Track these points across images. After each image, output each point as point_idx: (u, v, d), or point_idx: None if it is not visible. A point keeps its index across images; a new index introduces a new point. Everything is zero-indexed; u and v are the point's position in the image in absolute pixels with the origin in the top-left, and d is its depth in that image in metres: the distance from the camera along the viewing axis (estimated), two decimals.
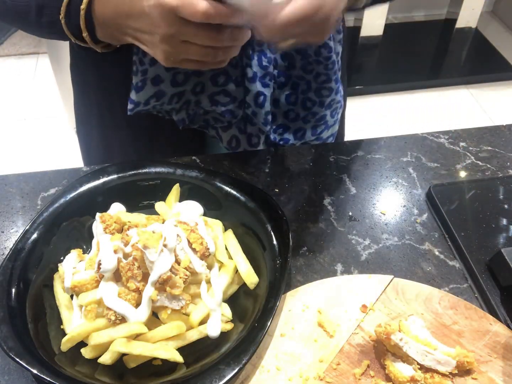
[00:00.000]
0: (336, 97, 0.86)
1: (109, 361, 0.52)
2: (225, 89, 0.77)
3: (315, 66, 0.79)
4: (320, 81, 0.81)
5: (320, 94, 0.83)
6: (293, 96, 0.83)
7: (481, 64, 2.85)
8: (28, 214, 0.71)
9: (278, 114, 0.85)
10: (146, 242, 0.53)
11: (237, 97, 0.78)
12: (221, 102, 0.78)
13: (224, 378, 0.49)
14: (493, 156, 0.83)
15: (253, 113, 0.79)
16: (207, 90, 0.77)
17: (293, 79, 0.81)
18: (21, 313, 0.54)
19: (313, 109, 0.84)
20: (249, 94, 0.77)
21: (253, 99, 0.77)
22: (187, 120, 0.80)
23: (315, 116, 0.85)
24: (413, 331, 0.55)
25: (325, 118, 0.87)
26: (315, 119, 0.86)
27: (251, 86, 0.76)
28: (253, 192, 0.66)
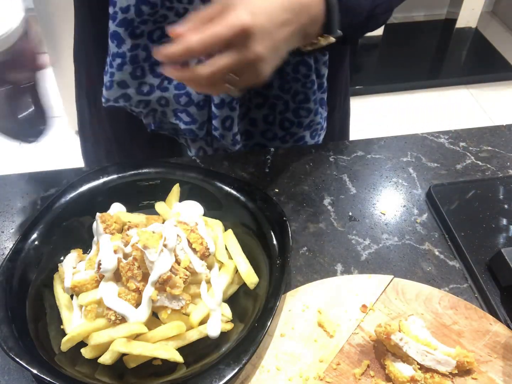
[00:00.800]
0: (316, 118, 0.83)
1: (109, 361, 0.52)
2: (187, 110, 0.77)
3: (292, 84, 0.78)
4: (298, 101, 0.79)
5: (298, 114, 0.81)
6: (270, 116, 0.81)
7: (481, 64, 2.85)
8: (28, 214, 0.71)
9: (255, 133, 0.84)
10: (146, 242, 0.53)
11: (199, 120, 0.78)
12: (184, 120, 0.78)
13: (224, 378, 0.49)
14: (493, 156, 0.83)
15: (220, 135, 0.78)
16: (171, 105, 0.77)
17: (270, 100, 0.79)
18: (21, 313, 0.54)
19: (291, 129, 0.83)
20: (216, 119, 0.76)
21: (221, 123, 0.76)
22: (154, 125, 0.81)
23: (294, 137, 0.84)
24: (413, 331, 0.55)
25: (304, 139, 0.86)
26: (293, 140, 0.85)
27: (218, 111, 0.75)
28: (253, 192, 0.66)
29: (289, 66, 0.76)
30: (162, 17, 0.68)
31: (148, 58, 0.73)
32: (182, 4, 0.67)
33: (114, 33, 0.68)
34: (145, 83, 0.74)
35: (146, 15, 0.67)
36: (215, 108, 0.75)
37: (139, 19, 0.67)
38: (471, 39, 3.00)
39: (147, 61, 0.73)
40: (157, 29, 0.70)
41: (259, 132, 0.84)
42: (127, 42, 0.69)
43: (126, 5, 0.66)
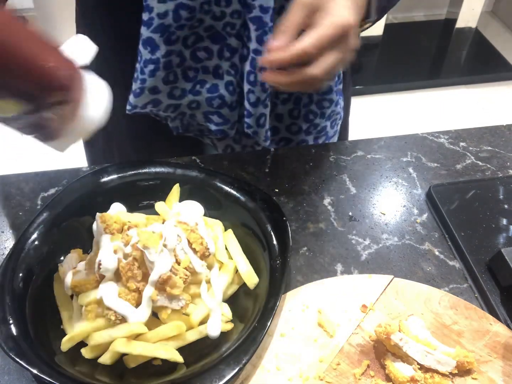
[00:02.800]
0: (336, 109, 0.87)
1: (109, 361, 0.52)
2: (220, 112, 0.78)
3: None
4: (321, 93, 0.82)
5: (321, 105, 0.83)
6: (295, 111, 0.84)
7: (481, 64, 2.85)
8: (28, 214, 0.71)
9: (281, 128, 0.86)
10: (146, 242, 0.53)
11: (230, 120, 0.80)
12: (215, 122, 0.79)
13: (224, 378, 0.49)
14: (493, 156, 0.83)
15: (254, 132, 0.80)
16: (202, 108, 0.78)
17: (295, 94, 0.82)
18: (21, 313, 0.54)
19: (315, 121, 0.86)
20: (250, 117, 0.78)
21: (255, 121, 0.78)
22: (181, 128, 0.82)
23: (317, 128, 0.87)
24: (413, 331, 0.55)
25: (325, 129, 0.88)
26: (316, 131, 0.87)
27: (253, 110, 0.77)
28: (253, 192, 0.66)
29: None
30: (198, 21, 0.69)
31: (181, 63, 0.73)
32: (220, 8, 0.68)
33: (148, 40, 0.68)
34: (177, 87, 0.74)
35: (183, 20, 0.67)
36: (251, 107, 0.76)
37: (176, 24, 0.67)
38: (471, 39, 3.00)
39: (180, 66, 0.73)
40: (192, 34, 0.70)
41: (284, 126, 0.85)
42: (161, 48, 0.68)
43: (164, 10, 0.66)
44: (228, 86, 0.76)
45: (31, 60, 0.39)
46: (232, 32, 0.71)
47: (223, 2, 0.67)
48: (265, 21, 0.68)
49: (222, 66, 0.74)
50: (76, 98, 0.45)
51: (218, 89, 0.76)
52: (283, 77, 0.59)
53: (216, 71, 0.75)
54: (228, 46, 0.72)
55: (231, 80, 0.76)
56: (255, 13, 0.67)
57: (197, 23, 0.69)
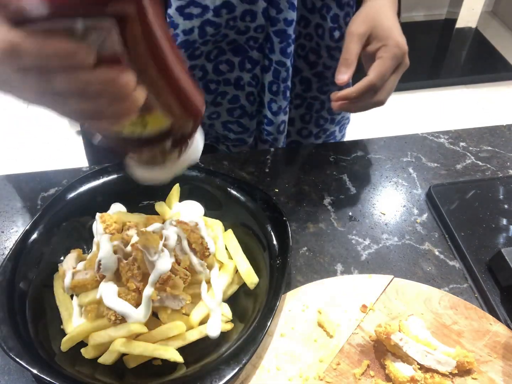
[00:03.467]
0: (346, 114, 0.90)
1: (109, 361, 0.52)
2: (239, 121, 0.80)
3: (331, 87, 0.82)
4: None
5: (332, 112, 0.86)
6: (307, 116, 0.86)
7: (481, 64, 2.85)
8: (28, 214, 0.71)
9: (292, 132, 0.88)
10: (146, 242, 0.53)
11: (250, 128, 0.82)
12: (234, 131, 0.82)
13: (224, 378, 0.49)
14: (493, 156, 0.83)
15: (274, 139, 0.82)
16: (222, 118, 0.80)
17: (308, 100, 0.84)
18: (21, 313, 0.54)
19: (325, 126, 0.88)
20: (271, 125, 0.80)
21: (276, 128, 0.80)
22: None
23: (326, 132, 0.90)
24: (413, 331, 0.55)
25: (334, 134, 0.91)
26: (325, 135, 0.90)
27: (275, 118, 0.79)
28: (253, 192, 0.66)
29: (329, 71, 0.80)
30: (222, 36, 0.70)
31: (203, 76, 0.74)
32: (245, 23, 0.69)
33: None
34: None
35: (208, 36, 0.68)
36: (272, 116, 0.79)
37: (201, 40, 0.68)
38: (471, 39, 3.00)
39: (202, 79, 0.75)
40: (215, 49, 0.71)
41: (295, 130, 0.88)
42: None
43: (190, 27, 0.66)
44: (249, 96, 0.78)
45: (185, 93, 0.39)
46: (255, 45, 0.72)
47: (248, 17, 0.68)
48: (289, 33, 0.70)
49: (243, 77, 0.76)
50: (196, 129, 0.46)
51: (239, 99, 0.78)
52: (354, 106, 0.67)
53: (237, 83, 0.77)
54: (249, 58, 0.74)
55: (252, 90, 0.77)
56: (279, 27, 0.69)
57: (221, 37, 0.70)
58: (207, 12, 0.66)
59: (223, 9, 0.66)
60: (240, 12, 0.67)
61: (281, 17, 0.68)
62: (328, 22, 0.73)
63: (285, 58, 0.72)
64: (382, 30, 0.66)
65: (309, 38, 0.76)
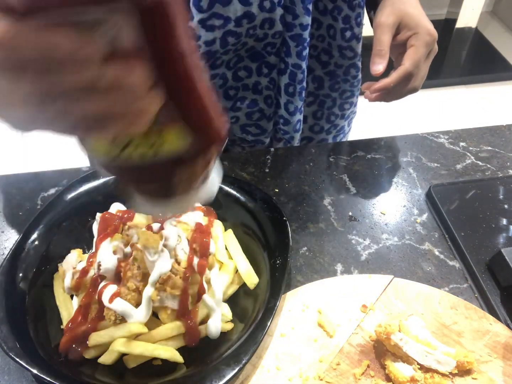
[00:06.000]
0: (354, 109, 0.92)
1: (109, 361, 0.52)
2: (258, 123, 0.82)
3: (342, 84, 0.84)
4: (345, 97, 0.86)
5: (343, 108, 0.88)
6: (319, 112, 0.88)
7: (481, 64, 2.85)
8: (28, 214, 0.71)
9: (305, 129, 0.89)
10: (146, 242, 0.53)
11: (267, 130, 0.83)
12: (252, 133, 0.83)
13: (224, 378, 0.49)
14: (493, 156, 0.83)
15: (290, 138, 0.84)
16: (241, 122, 0.82)
17: (320, 98, 0.85)
18: (21, 313, 0.54)
19: (335, 122, 0.90)
20: (288, 125, 0.81)
21: (293, 127, 0.82)
22: None
23: (336, 128, 0.91)
24: (413, 331, 0.55)
25: (343, 128, 0.93)
26: (336, 130, 0.92)
27: (292, 118, 0.80)
28: (253, 192, 0.66)
29: (341, 69, 0.82)
30: (242, 44, 0.70)
31: (224, 84, 0.75)
32: (263, 30, 0.69)
33: None
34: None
35: (230, 45, 0.69)
36: (289, 116, 0.80)
37: (222, 50, 0.69)
38: (471, 39, 3.00)
39: (222, 87, 0.75)
40: (234, 57, 0.72)
41: (308, 126, 0.90)
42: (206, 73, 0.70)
43: (212, 38, 0.67)
44: (267, 99, 0.79)
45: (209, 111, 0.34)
46: (272, 51, 0.73)
47: (266, 25, 0.69)
48: (304, 37, 0.71)
49: (261, 82, 0.77)
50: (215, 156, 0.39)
51: (258, 103, 0.80)
52: (389, 96, 0.70)
53: (255, 87, 0.78)
54: (266, 63, 0.75)
55: (269, 94, 0.79)
56: (295, 31, 0.70)
57: (241, 46, 0.71)
58: (229, 23, 0.66)
59: (244, 19, 0.67)
60: (260, 21, 0.68)
61: (297, 23, 0.69)
62: (340, 23, 0.74)
63: (301, 61, 0.73)
64: (411, 18, 0.67)
65: (321, 39, 0.77)
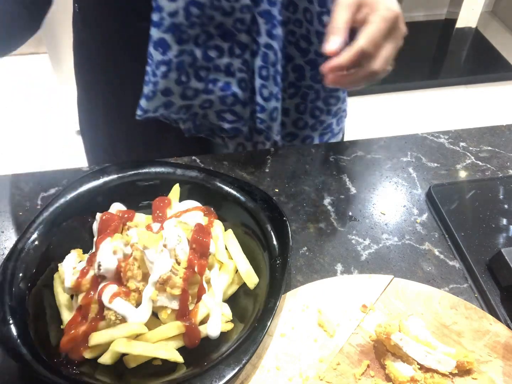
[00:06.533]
0: (342, 106, 0.88)
1: (109, 361, 0.52)
2: (233, 109, 0.79)
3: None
4: (328, 90, 0.83)
5: (328, 102, 0.85)
6: (302, 105, 0.85)
7: (481, 64, 2.85)
8: (28, 214, 0.71)
9: (288, 123, 0.87)
10: (146, 242, 0.53)
11: (244, 117, 0.80)
12: (228, 120, 0.80)
13: (224, 378, 0.49)
14: (493, 156, 0.83)
15: (267, 127, 0.81)
16: (215, 107, 0.79)
17: (302, 89, 0.83)
18: (21, 313, 0.54)
19: (321, 117, 0.87)
20: (263, 112, 0.79)
21: (269, 115, 0.79)
22: (193, 129, 0.82)
23: (323, 124, 0.88)
24: (413, 331, 0.55)
25: (331, 126, 0.90)
26: (322, 127, 0.89)
27: (267, 104, 0.78)
28: (253, 192, 0.66)
29: (322, 58, 0.78)
30: (208, 19, 0.69)
31: (193, 63, 0.73)
32: (229, 3, 0.68)
33: (159, 41, 0.67)
34: (190, 88, 0.74)
35: (194, 17, 0.67)
36: (264, 102, 0.77)
37: (187, 22, 0.67)
38: (471, 39, 3.00)
39: (192, 66, 0.73)
40: (203, 33, 0.70)
41: (291, 121, 0.87)
42: (173, 48, 0.68)
43: (175, 9, 0.66)
44: (241, 83, 0.77)
45: None
46: (242, 27, 0.71)
47: None
48: (274, 14, 0.69)
49: (233, 63, 0.75)
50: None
51: (231, 86, 0.77)
52: (347, 78, 0.63)
53: (228, 69, 0.76)
54: (238, 43, 0.73)
55: (243, 76, 0.76)
56: (263, 7, 0.68)
57: (207, 20, 0.69)
58: None
59: None
60: None
61: None
62: (315, 6, 0.72)
63: (272, 40, 0.71)
64: None
65: (299, 24, 0.75)
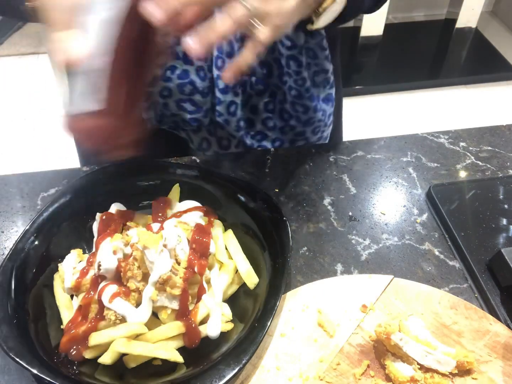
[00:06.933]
0: (316, 115, 0.85)
1: (109, 361, 0.52)
2: (192, 99, 0.78)
3: (287, 78, 0.80)
4: (292, 95, 0.82)
5: (295, 109, 0.83)
6: (270, 104, 0.84)
7: (481, 64, 2.85)
8: (28, 214, 0.71)
9: (256, 121, 0.85)
10: (146, 242, 0.53)
11: (203, 107, 0.79)
12: (188, 110, 0.79)
13: (224, 378, 0.49)
14: (493, 156, 0.83)
15: (225, 121, 0.80)
16: (174, 96, 0.78)
17: (271, 87, 0.82)
18: (21, 313, 0.54)
19: (290, 122, 0.85)
20: (221, 104, 0.78)
21: (226, 108, 0.78)
22: (155, 120, 0.81)
23: (293, 130, 0.86)
24: (413, 331, 0.55)
25: (304, 134, 0.88)
26: (293, 133, 0.87)
27: (223, 97, 0.77)
28: (253, 192, 0.66)
29: (283, 59, 0.77)
30: None
31: None
32: None
33: None
34: None
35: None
36: (220, 94, 0.77)
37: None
38: (471, 39, 3.00)
39: None
40: None
41: (260, 120, 0.85)
42: None
43: None
44: (199, 71, 0.76)
45: None
46: None
47: None
48: None
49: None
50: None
51: (189, 75, 0.76)
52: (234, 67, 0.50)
53: (185, 57, 0.75)
54: None
55: (201, 65, 0.76)
56: None
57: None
58: None
59: None
60: None
61: None
62: None
63: None
64: None
65: None
